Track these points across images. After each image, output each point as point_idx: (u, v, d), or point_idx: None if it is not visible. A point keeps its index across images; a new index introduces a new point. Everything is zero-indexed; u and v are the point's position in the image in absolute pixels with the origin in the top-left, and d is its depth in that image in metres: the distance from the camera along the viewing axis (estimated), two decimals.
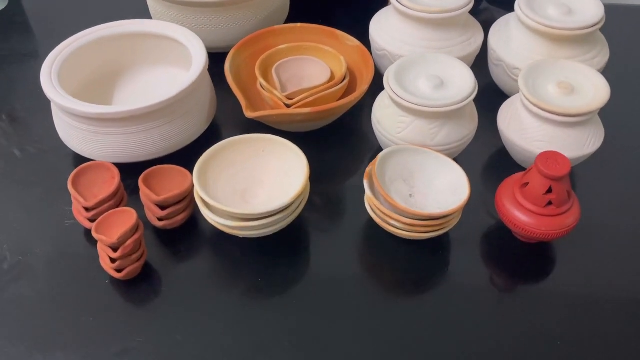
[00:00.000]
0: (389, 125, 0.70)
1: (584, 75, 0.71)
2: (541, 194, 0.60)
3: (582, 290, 0.63)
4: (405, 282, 0.64)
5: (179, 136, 0.72)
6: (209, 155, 0.65)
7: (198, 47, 0.75)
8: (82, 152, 0.72)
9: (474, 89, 0.68)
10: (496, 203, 0.65)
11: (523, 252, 0.67)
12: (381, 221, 0.64)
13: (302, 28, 0.86)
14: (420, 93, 0.68)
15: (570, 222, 0.62)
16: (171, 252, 0.66)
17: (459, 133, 0.69)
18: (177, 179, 0.66)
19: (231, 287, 0.63)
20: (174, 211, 0.65)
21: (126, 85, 0.82)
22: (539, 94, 0.69)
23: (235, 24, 0.87)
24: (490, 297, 0.63)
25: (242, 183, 0.67)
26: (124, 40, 0.80)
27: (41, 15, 1.04)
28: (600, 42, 0.80)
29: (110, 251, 0.59)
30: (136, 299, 0.62)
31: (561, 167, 0.59)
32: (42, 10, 1.05)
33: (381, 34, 0.83)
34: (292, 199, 0.61)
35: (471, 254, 0.67)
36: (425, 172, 0.68)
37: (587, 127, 0.69)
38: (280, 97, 0.75)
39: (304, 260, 0.66)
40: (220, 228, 0.62)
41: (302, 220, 0.69)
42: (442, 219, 0.62)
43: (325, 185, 0.74)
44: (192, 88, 0.70)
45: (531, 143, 0.70)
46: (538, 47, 0.77)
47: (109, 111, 0.66)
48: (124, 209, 0.61)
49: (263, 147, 0.68)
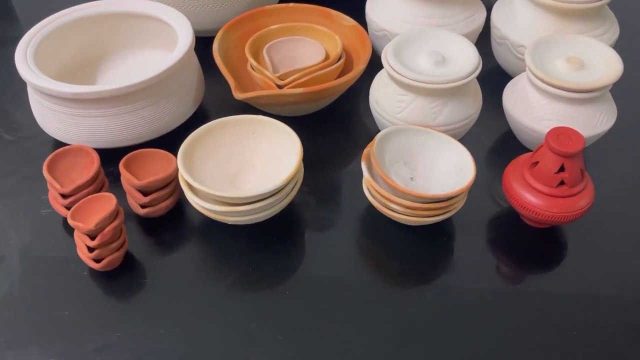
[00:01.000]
0: (388, 105, 0.66)
1: (594, 50, 0.67)
2: (552, 172, 0.56)
3: (597, 279, 0.59)
4: (406, 271, 0.60)
5: (164, 119, 0.67)
6: (194, 137, 0.61)
7: (184, 26, 0.71)
8: (60, 137, 0.67)
9: (477, 64, 0.64)
10: (504, 185, 0.61)
11: (532, 238, 0.63)
12: (380, 205, 0.60)
13: (294, 8, 0.82)
14: (421, 69, 0.64)
15: (584, 204, 0.58)
16: (155, 241, 0.62)
17: (462, 112, 0.65)
18: (161, 163, 0.62)
19: (220, 277, 0.59)
20: (158, 197, 0.60)
21: (110, 69, 0.78)
22: (546, 70, 0.65)
23: (224, 5, 0.83)
24: (497, 288, 0.58)
25: (232, 167, 0.63)
26: (106, 20, 0.75)
27: (26, 2, 1.00)
28: (610, 18, 0.76)
29: (87, 239, 0.55)
30: (117, 292, 0.57)
31: (574, 143, 0.55)
32: None
33: (379, 13, 0.79)
34: (284, 182, 0.56)
35: (477, 241, 0.62)
36: (428, 154, 0.63)
37: (599, 105, 0.65)
38: (271, 77, 0.70)
39: (298, 249, 0.61)
40: (207, 214, 0.58)
41: (296, 206, 0.65)
42: (446, 201, 0.57)
43: (321, 171, 0.70)
44: (176, 68, 0.65)
45: (539, 122, 0.65)
46: (544, 23, 0.73)
47: (87, 90, 0.61)
48: (102, 194, 0.57)
49: (253, 129, 0.64)
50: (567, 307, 0.56)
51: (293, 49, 0.78)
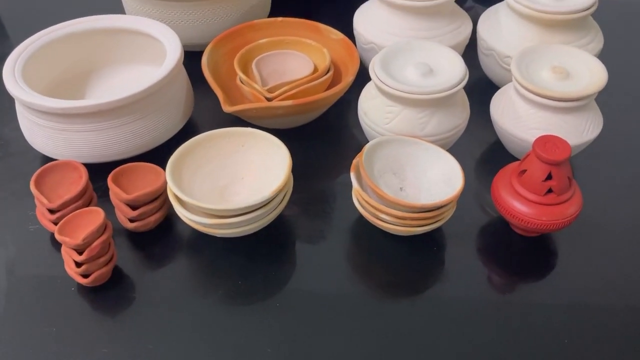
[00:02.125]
0: (377, 116, 0.66)
1: (578, 60, 0.68)
2: (540, 180, 0.56)
3: (587, 286, 0.59)
4: (397, 282, 0.60)
5: (153, 133, 0.67)
6: (183, 151, 0.61)
7: (172, 41, 0.71)
8: (49, 153, 0.67)
9: (464, 75, 0.65)
10: (492, 193, 0.61)
11: (523, 247, 0.63)
12: (370, 216, 0.60)
13: (283, 22, 0.82)
14: (408, 81, 0.64)
15: (573, 212, 0.58)
16: (144, 255, 0.61)
17: (450, 122, 0.65)
18: (149, 177, 0.62)
19: (209, 291, 0.58)
20: (147, 211, 0.60)
21: (99, 84, 0.78)
22: (533, 80, 0.65)
23: (214, 20, 0.84)
24: (488, 297, 0.58)
25: (221, 180, 0.63)
26: (94, 36, 0.75)
27: (16, 18, 1.00)
28: (594, 29, 0.77)
29: (75, 254, 0.54)
30: (105, 307, 0.56)
31: (561, 150, 0.55)
32: (18, 13, 1.01)
33: (367, 27, 0.79)
34: (273, 194, 0.56)
35: (467, 250, 0.62)
36: (416, 164, 0.63)
37: (585, 113, 0.66)
38: (260, 90, 0.71)
39: (288, 261, 0.61)
40: (196, 227, 0.57)
41: (286, 218, 0.65)
42: (435, 210, 0.57)
43: (311, 183, 0.69)
44: (164, 82, 0.66)
45: (527, 131, 0.66)
46: (530, 34, 0.74)
47: (75, 105, 0.61)
48: (90, 208, 0.56)
49: (243, 142, 0.64)
50: (559, 316, 0.56)
51: (282, 63, 0.78)
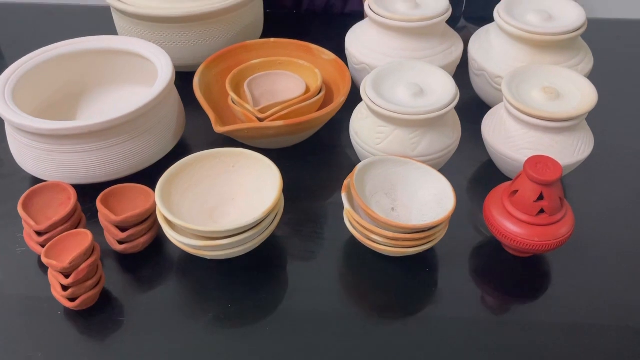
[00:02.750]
0: (368, 137, 0.66)
1: (569, 80, 0.68)
2: (532, 201, 0.56)
3: (581, 307, 0.58)
4: (390, 304, 0.59)
5: (143, 154, 0.67)
6: (173, 172, 0.60)
7: (164, 62, 0.71)
8: (38, 174, 0.66)
9: (455, 95, 0.65)
10: (484, 214, 0.61)
11: (516, 267, 0.62)
12: (362, 237, 0.59)
13: (275, 43, 0.82)
14: (399, 101, 0.65)
15: (565, 232, 0.57)
16: (133, 278, 0.60)
17: (441, 143, 0.65)
18: (139, 198, 0.61)
19: (199, 314, 0.57)
20: (136, 233, 0.59)
21: (90, 105, 0.77)
22: (523, 100, 0.65)
23: (205, 41, 0.84)
24: (482, 318, 0.58)
25: (211, 201, 0.62)
26: (86, 57, 0.75)
27: (11, 39, 1.00)
28: (584, 49, 0.77)
29: (61, 277, 0.53)
30: (92, 331, 0.55)
31: (552, 171, 0.55)
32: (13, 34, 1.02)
33: (359, 48, 0.80)
34: (264, 214, 0.56)
35: (460, 271, 0.62)
36: (408, 184, 0.63)
37: (576, 133, 0.66)
38: (252, 111, 0.71)
39: (279, 283, 0.60)
40: (186, 249, 0.57)
41: (277, 239, 0.64)
42: (427, 231, 0.57)
43: (303, 203, 0.69)
44: (155, 103, 0.65)
45: (518, 151, 0.66)
46: (520, 55, 0.75)
47: (64, 127, 0.61)
48: (78, 230, 0.55)
49: (233, 162, 0.63)
50: (553, 336, 0.56)
51: (274, 83, 0.78)
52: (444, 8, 0.76)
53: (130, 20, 0.83)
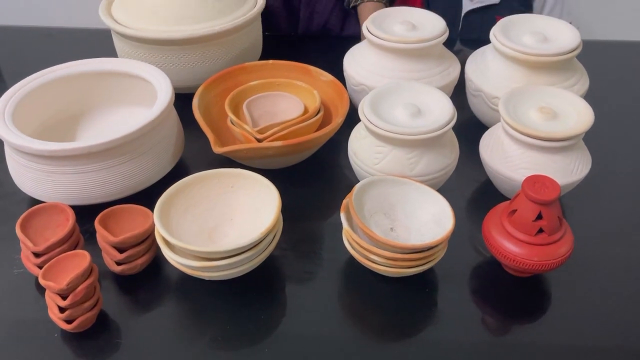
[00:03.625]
0: (366, 157, 0.66)
1: (565, 100, 0.68)
2: (531, 220, 0.56)
3: (581, 327, 0.58)
4: (389, 325, 0.58)
5: (142, 175, 0.67)
6: (172, 192, 0.60)
7: (163, 83, 0.72)
8: (36, 195, 0.66)
9: (452, 116, 0.65)
10: (483, 234, 0.61)
11: (515, 287, 0.62)
12: (361, 257, 0.59)
13: (274, 65, 0.83)
14: (397, 121, 0.65)
15: (564, 251, 0.57)
16: (131, 299, 0.60)
17: (439, 162, 0.66)
18: (137, 219, 0.61)
19: (197, 336, 0.57)
20: (134, 254, 0.59)
21: (90, 126, 0.78)
22: (520, 120, 0.66)
23: (205, 63, 0.85)
24: (482, 340, 0.57)
25: (210, 222, 0.62)
26: (86, 79, 0.76)
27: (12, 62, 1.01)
28: (579, 70, 0.78)
29: (59, 299, 0.53)
30: (89, 354, 0.55)
31: (550, 190, 0.55)
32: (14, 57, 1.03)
33: (357, 69, 0.81)
34: (262, 235, 0.56)
35: (460, 291, 0.61)
36: (407, 204, 0.63)
37: (573, 153, 0.66)
38: (251, 131, 0.71)
39: (278, 304, 0.60)
40: (184, 270, 0.57)
41: (276, 260, 0.64)
42: (426, 251, 0.57)
43: (302, 223, 0.69)
44: (154, 124, 0.66)
45: (516, 171, 0.66)
46: (516, 76, 0.75)
47: (63, 148, 0.61)
48: (76, 252, 0.55)
49: (232, 183, 0.63)
50: (553, 357, 0.55)
51: (272, 104, 0.79)
52: (441, 30, 0.77)
53: (130, 42, 0.84)
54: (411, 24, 0.78)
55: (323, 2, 1.04)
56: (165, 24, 0.82)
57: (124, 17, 0.84)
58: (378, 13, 0.81)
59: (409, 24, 0.78)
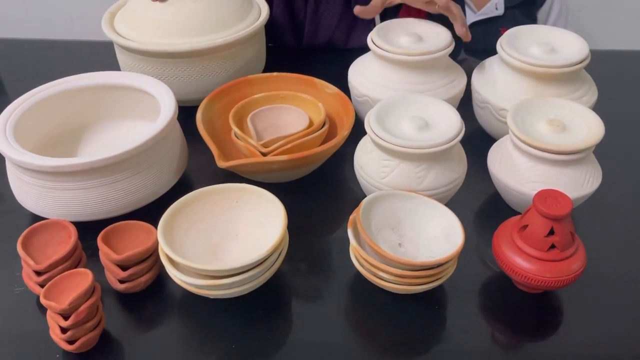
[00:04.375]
0: (373, 171, 0.65)
1: (574, 112, 0.67)
2: (542, 236, 0.55)
3: (593, 344, 0.57)
4: (398, 342, 0.57)
5: (145, 190, 0.66)
6: (175, 209, 0.59)
7: (166, 96, 0.71)
8: (38, 211, 0.65)
9: (460, 128, 0.64)
10: (493, 249, 0.59)
11: (527, 303, 0.60)
12: (369, 274, 0.58)
13: (278, 77, 0.82)
14: (404, 135, 0.64)
15: (577, 267, 0.56)
16: (134, 318, 0.58)
17: (447, 176, 0.64)
18: (141, 236, 0.60)
19: (202, 356, 0.55)
20: (137, 272, 0.58)
21: (93, 141, 0.77)
22: (529, 133, 0.65)
23: (208, 75, 0.84)
24: (492, 356, 0.56)
25: (214, 238, 0.61)
26: (88, 93, 0.75)
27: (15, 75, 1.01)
28: (588, 82, 0.77)
29: (60, 319, 0.52)
30: None
31: (562, 205, 0.54)
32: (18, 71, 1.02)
33: (361, 80, 0.80)
34: (268, 252, 0.54)
35: (470, 308, 0.60)
36: (415, 219, 0.62)
37: (584, 166, 0.65)
38: (255, 145, 0.70)
39: (285, 322, 0.59)
40: (188, 288, 0.55)
41: (282, 277, 0.63)
42: (435, 268, 0.56)
43: (308, 238, 0.68)
44: (158, 138, 0.65)
45: (525, 185, 0.65)
46: (524, 87, 0.74)
47: (65, 164, 0.60)
48: (78, 270, 0.54)
49: (237, 198, 0.62)
50: None
51: (277, 117, 0.78)
52: (447, 42, 0.76)
53: (133, 55, 0.83)
54: (417, 35, 0.77)
55: (328, 18, 1.04)
56: (168, 37, 0.81)
57: (126, 30, 0.84)
58: (383, 24, 0.81)
59: (414, 35, 0.77)
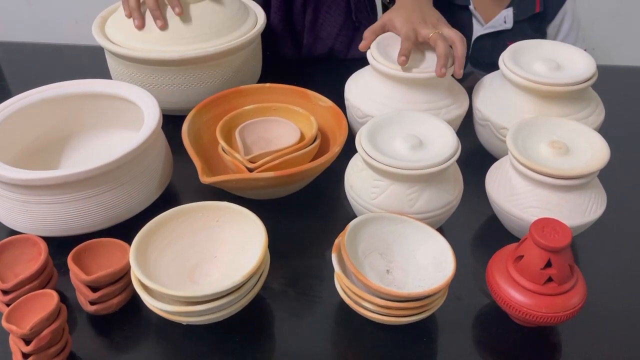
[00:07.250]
0: (363, 191, 0.62)
1: (578, 134, 0.64)
2: (539, 268, 0.51)
3: None
4: None
5: (124, 206, 0.63)
6: (150, 228, 0.56)
7: (151, 107, 0.68)
8: (11, 225, 0.63)
9: (456, 148, 0.61)
10: (487, 280, 0.56)
11: (522, 337, 0.57)
12: (353, 303, 0.54)
13: (270, 88, 0.79)
14: (397, 154, 0.61)
15: (575, 303, 0.52)
16: (104, 342, 0.55)
17: (441, 199, 0.61)
18: (115, 254, 0.57)
19: None
20: (109, 293, 0.55)
21: (74, 151, 0.74)
22: (530, 155, 0.61)
23: (199, 84, 0.81)
24: None
25: (192, 259, 0.58)
26: (70, 101, 0.73)
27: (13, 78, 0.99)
28: (594, 100, 0.74)
29: (22, 344, 0.49)
30: None
31: (561, 236, 0.51)
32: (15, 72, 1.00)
33: (358, 96, 0.76)
34: (245, 277, 0.51)
35: (461, 341, 0.57)
36: (404, 244, 0.59)
37: (587, 191, 0.61)
38: (242, 160, 0.67)
39: (264, 351, 0.55)
40: (161, 314, 0.52)
41: (263, 302, 0.60)
42: (423, 299, 0.52)
43: (293, 259, 0.65)
44: (138, 151, 0.62)
45: (524, 210, 0.61)
46: (526, 106, 0.71)
47: (39, 177, 0.57)
48: (43, 291, 0.51)
49: (217, 217, 0.59)
50: None
51: (267, 130, 0.75)
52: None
53: (123, 62, 0.81)
54: (419, 51, 0.74)
55: (327, 29, 1.00)
56: (160, 44, 0.79)
57: (117, 36, 0.81)
58: (384, 37, 0.77)
59: (416, 51, 0.73)
